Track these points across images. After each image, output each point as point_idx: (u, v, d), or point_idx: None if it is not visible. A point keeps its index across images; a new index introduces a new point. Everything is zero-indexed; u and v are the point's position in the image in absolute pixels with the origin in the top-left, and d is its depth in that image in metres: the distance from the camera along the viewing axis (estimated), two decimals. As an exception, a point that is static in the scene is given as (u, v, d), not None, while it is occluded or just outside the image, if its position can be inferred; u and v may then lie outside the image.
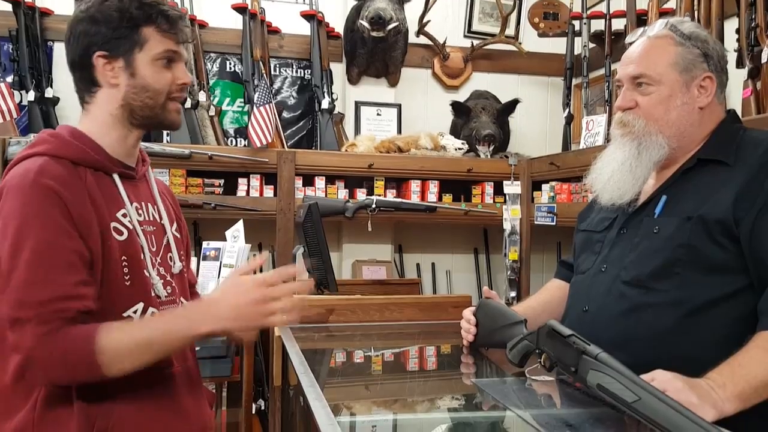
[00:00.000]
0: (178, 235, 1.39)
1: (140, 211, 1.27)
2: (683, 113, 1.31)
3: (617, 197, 1.37)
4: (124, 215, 1.22)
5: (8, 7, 2.96)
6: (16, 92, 2.89)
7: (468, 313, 1.57)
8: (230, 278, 1.20)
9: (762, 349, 1.12)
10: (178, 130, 1.43)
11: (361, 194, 3.06)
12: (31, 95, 2.96)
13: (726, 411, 1.06)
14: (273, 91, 3.30)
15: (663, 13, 2.58)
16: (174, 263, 1.33)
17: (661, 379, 1.07)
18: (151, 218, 1.30)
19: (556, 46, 3.47)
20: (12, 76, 2.96)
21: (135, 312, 1.19)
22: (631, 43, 1.39)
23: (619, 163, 1.36)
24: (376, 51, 3.21)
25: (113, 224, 1.19)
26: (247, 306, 1.14)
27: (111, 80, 1.22)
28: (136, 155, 1.31)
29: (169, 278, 1.30)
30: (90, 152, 1.20)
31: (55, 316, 1.07)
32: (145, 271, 1.23)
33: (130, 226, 1.22)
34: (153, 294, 1.24)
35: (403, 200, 3.08)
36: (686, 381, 1.07)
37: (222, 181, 2.94)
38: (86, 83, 1.24)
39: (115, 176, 1.24)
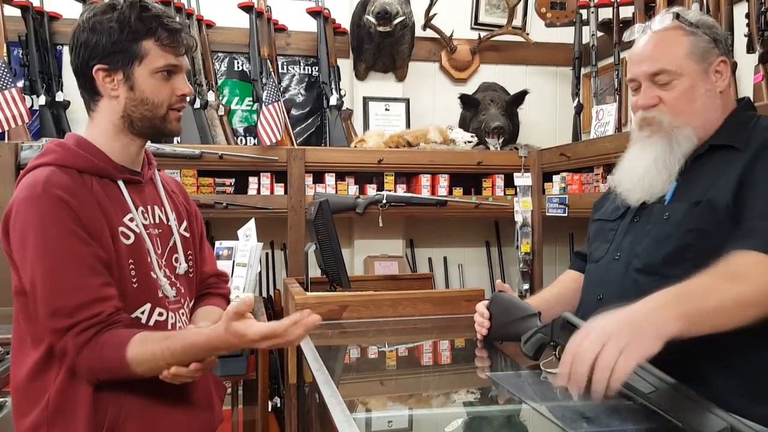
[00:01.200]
0: (187, 235, 1.40)
1: (146, 215, 1.29)
2: (707, 101, 1.30)
3: (647, 195, 1.34)
4: (131, 219, 1.24)
5: (17, 12, 2.98)
6: (27, 97, 2.91)
7: (481, 306, 1.57)
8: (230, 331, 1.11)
9: (719, 275, 1.07)
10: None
11: (371, 190, 3.07)
12: (41, 99, 2.98)
13: (670, 332, 0.98)
14: (281, 89, 3.31)
15: (671, 0, 2.55)
16: (179, 264, 1.35)
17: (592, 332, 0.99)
18: (158, 221, 1.32)
19: (564, 35, 3.45)
20: (23, 81, 2.98)
21: (143, 313, 1.23)
22: (633, 41, 1.38)
23: (651, 160, 1.32)
24: (383, 46, 3.20)
25: (121, 228, 1.22)
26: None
27: (111, 92, 1.23)
28: (140, 161, 1.32)
29: (174, 279, 1.32)
30: (95, 161, 1.22)
31: (90, 323, 1.12)
32: (152, 273, 1.25)
33: (137, 230, 1.25)
34: (161, 295, 1.27)
35: (414, 195, 3.07)
36: (618, 323, 0.98)
37: (233, 180, 2.95)
38: (89, 92, 1.26)
39: (120, 183, 1.26)
